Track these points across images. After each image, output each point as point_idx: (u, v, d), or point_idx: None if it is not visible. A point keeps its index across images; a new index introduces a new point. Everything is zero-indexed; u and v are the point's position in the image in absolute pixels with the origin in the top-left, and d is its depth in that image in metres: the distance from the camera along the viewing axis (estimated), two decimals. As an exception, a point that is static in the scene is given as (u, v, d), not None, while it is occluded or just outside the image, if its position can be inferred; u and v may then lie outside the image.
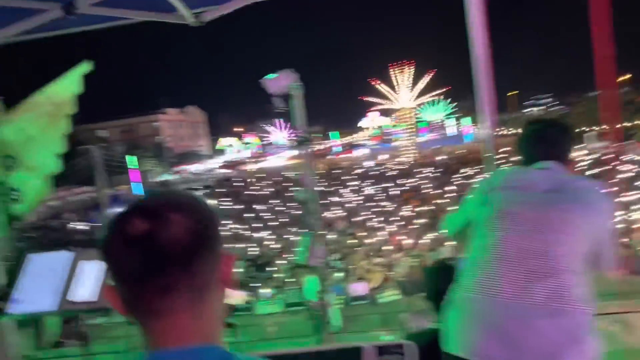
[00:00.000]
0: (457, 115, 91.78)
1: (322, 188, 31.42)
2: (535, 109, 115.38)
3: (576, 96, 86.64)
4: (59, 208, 35.69)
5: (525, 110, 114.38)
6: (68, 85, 9.01)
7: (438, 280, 2.67)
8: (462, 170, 31.84)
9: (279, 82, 3.13)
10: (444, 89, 54.11)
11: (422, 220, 19.08)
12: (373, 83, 52.85)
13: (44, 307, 2.02)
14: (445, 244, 15.20)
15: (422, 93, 52.75)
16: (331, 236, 17.12)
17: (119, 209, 0.93)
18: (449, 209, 20.19)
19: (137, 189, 40.60)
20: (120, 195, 40.68)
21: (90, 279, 2.10)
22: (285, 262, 14.33)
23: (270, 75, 3.15)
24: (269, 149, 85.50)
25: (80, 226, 28.51)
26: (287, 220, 21.98)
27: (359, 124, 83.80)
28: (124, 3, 3.44)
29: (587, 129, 43.62)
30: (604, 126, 43.89)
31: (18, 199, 9.63)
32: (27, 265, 2.21)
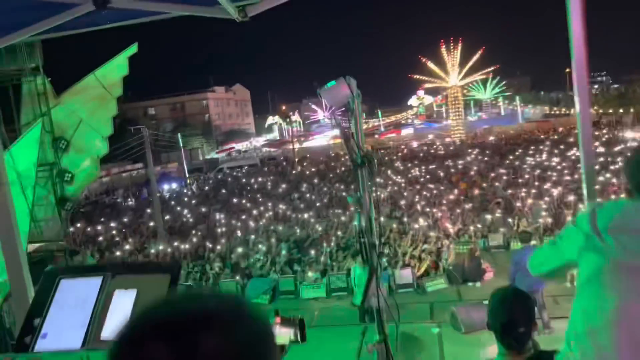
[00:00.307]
0: (507, 94, 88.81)
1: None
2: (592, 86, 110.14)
3: (635, 73, 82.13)
4: (110, 184, 36.89)
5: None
6: (117, 68, 9.04)
7: (511, 310, 2.37)
8: (515, 152, 30.72)
9: (338, 92, 2.76)
10: (493, 68, 51.72)
11: (472, 205, 18.43)
12: (423, 60, 51.40)
13: (72, 345, 1.80)
14: (499, 229, 14.65)
15: (471, 71, 50.93)
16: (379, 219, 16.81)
17: (132, 321, 0.66)
18: (501, 193, 19.48)
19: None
20: (169, 172, 41.67)
21: (126, 311, 1.82)
22: (329, 244, 14.14)
23: (329, 85, 2.77)
24: (314, 128, 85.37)
25: (131, 202, 29.29)
26: (331, 202, 21.79)
27: (409, 103, 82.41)
28: None
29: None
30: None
31: (69, 180, 9.79)
32: (58, 291, 1.97)
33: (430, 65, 50.96)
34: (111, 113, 8.95)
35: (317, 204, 20.86)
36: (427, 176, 25.43)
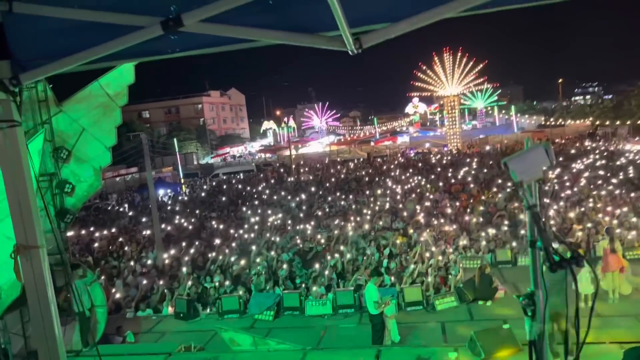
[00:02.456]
0: (501, 103, 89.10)
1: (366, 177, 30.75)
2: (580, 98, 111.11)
3: (627, 84, 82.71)
4: (104, 188, 36.28)
5: (575, 99, 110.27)
6: (122, 76, 8.62)
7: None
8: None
9: (533, 162, 2.29)
10: (486, 78, 51.68)
11: (474, 217, 18.15)
12: (421, 68, 51.28)
13: None
14: (506, 244, 14.35)
15: (467, 81, 50.84)
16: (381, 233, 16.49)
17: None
18: (501, 206, 19.20)
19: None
20: (164, 177, 41.12)
21: None
22: (333, 257, 13.76)
23: (519, 154, 2.30)
24: (309, 134, 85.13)
25: (125, 207, 28.72)
26: (333, 211, 21.42)
27: (406, 110, 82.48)
28: (248, 17, 2.52)
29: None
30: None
31: (69, 191, 9.34)
32: None
33: (427, 73, 50.88)
34: (115, 122, 8.56)
35: (318, 213, 20.49)
36: (428, 186, 25.13)
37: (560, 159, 30.66)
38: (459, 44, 49.99)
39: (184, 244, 17.34)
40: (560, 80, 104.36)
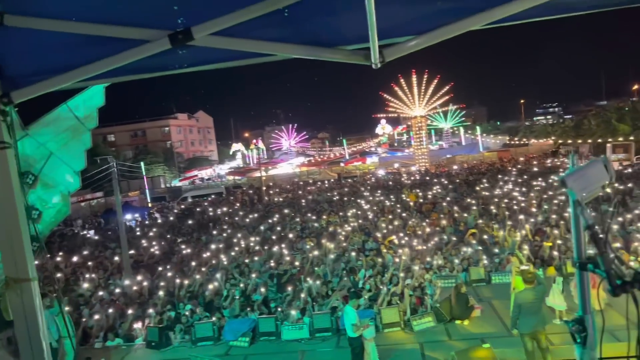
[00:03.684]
0: (466, 124, 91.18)
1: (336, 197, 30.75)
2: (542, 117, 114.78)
3: (584, 105, 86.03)
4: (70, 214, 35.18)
5: (537, 118, 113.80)
6: (91, 98, 8.36)
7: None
8: (482, 181, 31.06)
9: (593, 177, 2.14)
10: (453, 97, 52.68)
11: (445, 236, 18.31)
12: (388, 90, 52.06)
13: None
14: (480, 262, 14.47)
15: (433, 101, 51.84)
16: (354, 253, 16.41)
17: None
18: (471, 224, 19.44)
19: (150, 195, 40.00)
20: (131, 202, 40.21)
21: None
22: (308, 281, 13.59)
23: (577, 169, 2.14)
24: (278, 156, 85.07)
25: (91, 233, 27.86)
26: (306, 232, 21.27)
27: (377, 131, 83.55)
28: (262, 30, 2.35)
29: (609, 141, 42.55)
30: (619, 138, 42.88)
31: (36, 218, 8.94)
32: None
33: (394, 95, 51.69)
34: (85, 146, 8.21)
35: (290, 236, 20.29)
36: (398, 205, 25.28)
37: (525, 176, 31.41)
38: (424, 66, 50.87)
39: (159, 268, 16.89)
40: (522, 101, 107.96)
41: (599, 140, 44.42)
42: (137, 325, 12.36)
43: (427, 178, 37.62)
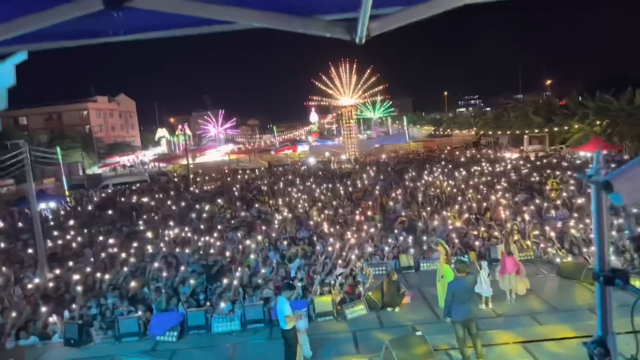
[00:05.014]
0: (393, 114, 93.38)
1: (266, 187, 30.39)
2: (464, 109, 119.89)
3: (502, 98, 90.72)
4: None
5: (459, 110, 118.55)
6: (0, 78, 7.55)
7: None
8: (409, 170, 31.82)
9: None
10: (381, 87, 53.33)
11: (375, 224, 18.54)
12: (319, 78, 52.00)
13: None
14: (409, 250, 14.73)
15: (363, 91, 52.43)
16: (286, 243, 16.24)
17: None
18: (404, 212, 19.83)
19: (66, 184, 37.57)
20: (46, 189, 37.67)
21: None
22: (239, 272, 13.24)
23: (624, 170, 1.77)
24: (206, 142, 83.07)
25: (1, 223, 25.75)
26: (237, 222, 20.81)
27: (310, 119, 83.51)
28: None
29: (526, 132, 45.00)
30: (535, 130, 45.47)
31: None
32: None
33: (325, 83, 51.72)
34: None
35: (219, 226, 19.75)
36: (329, 194, 25.34)
37: (450, 166, 32.55)
38: (353, 57, 51.25)
39: (70, 263, 15.80)
40: (445, 93, 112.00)
41: (517, 132, 46.92)
42: (54, 321, 11.51)
43: (357, 167, 38.05)
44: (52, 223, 23.56)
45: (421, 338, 8.17)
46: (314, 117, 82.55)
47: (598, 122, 38.78)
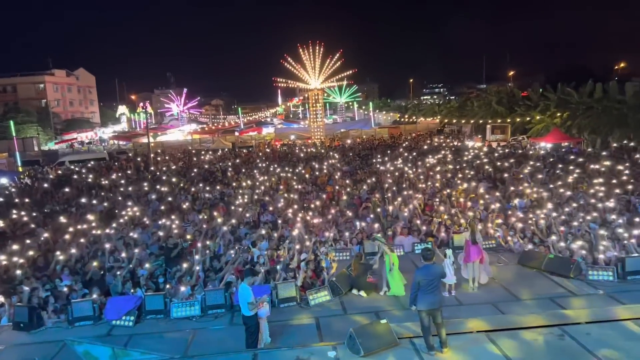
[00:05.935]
0: (360, 99, 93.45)
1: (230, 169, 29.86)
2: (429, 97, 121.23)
3: (466, 87, 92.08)
4: None
5: (424, 98, 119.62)
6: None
7: None
8: (374, 156, 31.83)
9: None
10: (350, 72, 52.94)
11: (340, 209, 18.44)
12: (287, 60, 51.19)
13: None
14: (374, 235, 14.66)
15: (330, 75, 51.94)
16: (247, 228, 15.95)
17: None
18: (368, 197, 19.78)
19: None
20: (-3, 166, 36.03)
21: None
22: (200, 254, 12.91)
23: None
24: (168, 121, 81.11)
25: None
26: (199, 203, 20.34)
27: (279, 101, 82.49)
28: None
29: (489, 122, 45.70)
30: (498, 120, 46.26)
31: None
32: None
33: (292, 65, 50.98)
34: None
35: (181, 206, 19.25)
36: (294, 177, 25.09)
37: (414, 153, 32.73)
38: (320, 39, 50.62)
39: (29, 241, 15.10)
40: (411, 80, 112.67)
41: (480, 121, 47.62)
42: (1, 302, 10.94)
43: (323, 151, 37.85)
44: (2, 200, 22.46)
45: (386, 326, 8.09)
46: (282, 98, 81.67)
47: (559, 114, 39.72)
